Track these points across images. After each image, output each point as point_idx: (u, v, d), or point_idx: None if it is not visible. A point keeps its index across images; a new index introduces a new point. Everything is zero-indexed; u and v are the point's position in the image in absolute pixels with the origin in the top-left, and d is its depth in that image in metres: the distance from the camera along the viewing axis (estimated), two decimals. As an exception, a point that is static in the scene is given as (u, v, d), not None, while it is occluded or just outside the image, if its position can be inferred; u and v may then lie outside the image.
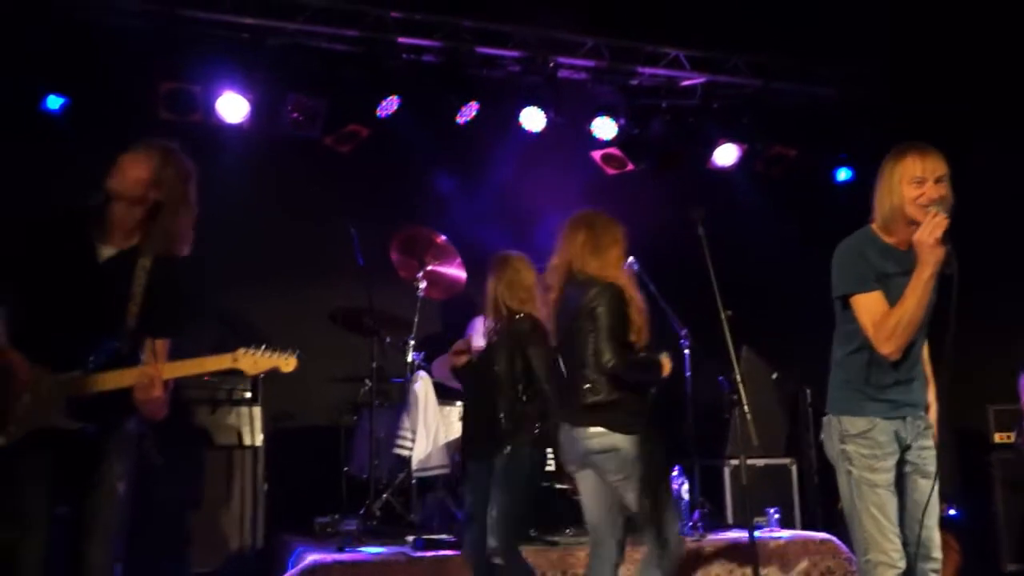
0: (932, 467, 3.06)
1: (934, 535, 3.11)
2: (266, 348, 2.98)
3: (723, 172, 6.96)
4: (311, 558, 4.24)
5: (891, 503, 2.98)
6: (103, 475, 2.91)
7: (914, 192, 2.95)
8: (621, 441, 3.40)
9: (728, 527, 5.63)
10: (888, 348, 2.95)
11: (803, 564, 4.93)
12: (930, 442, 3.09)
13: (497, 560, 3.76)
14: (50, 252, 2.91)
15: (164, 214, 2.95)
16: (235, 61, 5.84)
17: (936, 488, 3.07)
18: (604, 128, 6.64)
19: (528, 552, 4.08)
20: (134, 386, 2.86)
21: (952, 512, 5.87)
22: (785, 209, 7.00)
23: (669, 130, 6.80)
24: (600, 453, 3.43)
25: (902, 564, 2.98)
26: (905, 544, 3.02)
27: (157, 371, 2.86)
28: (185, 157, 3.02)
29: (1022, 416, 5.02)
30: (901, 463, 3.06)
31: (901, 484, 3.06)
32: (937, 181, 2.95)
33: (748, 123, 6.89)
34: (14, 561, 2.79)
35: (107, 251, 2.97)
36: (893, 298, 2.97)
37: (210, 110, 5.86)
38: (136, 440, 3.03)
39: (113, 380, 2.87)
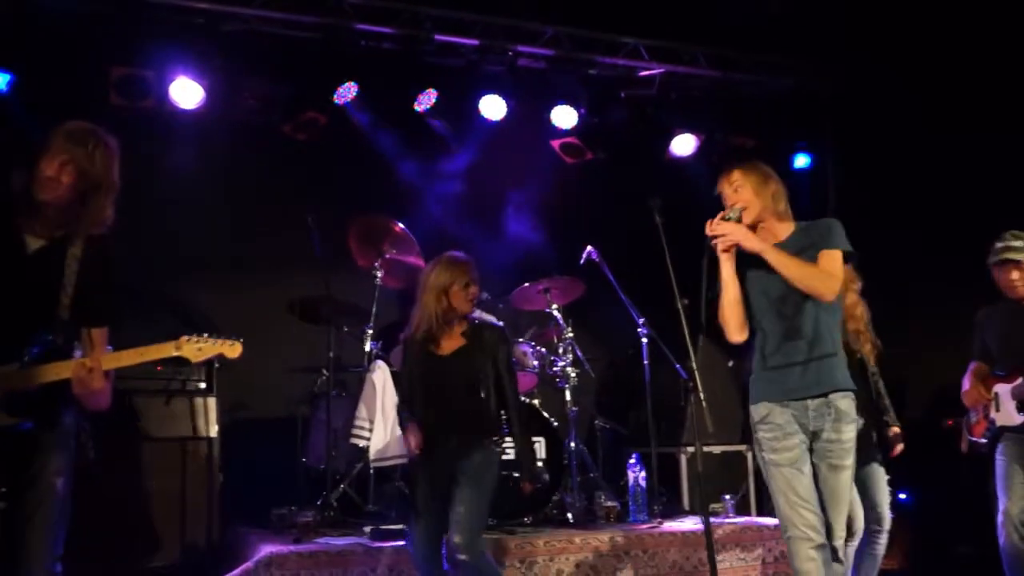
0: (840, 460, 3.19)
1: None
2: (209, 335, 2.95)
3: (681, 162, 7.01)
4: (268, 549, 4.20)
5: (797, 479, 3.13)
6: (40, 470, 2.84)
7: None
8: None
9: (685, 514, 5.70)
10: (728, 336, 3.36)
11: (759, 550, 5.00)
12: (838, 435, 3.19)
13: (462, 557, 3.70)
14: None
15: (93, 203, 2.89)
16: (189, 47, 5.74)
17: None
18: (564, 117, 6.65)
19: (487, 541, 4.06)
20: (72, 379, 2.80)
21: (902, 496, 5.97)
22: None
23: (627, 120, 6.83)
24: None
25: (819, 538, 3.10)
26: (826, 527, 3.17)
27: (96, 362, 2.80)
28: (108, 136, 2.93)
29: (968, 410, 5.13)
30: (811, 451, 3.21)
31: (814, 472, 3.21)
32: (735, 190, 3.38)
33: (706, 113, 6.94)
34: None
35: (35, 242, 2.90)
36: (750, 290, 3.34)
37: (164, 96, 5.76)
38: (74, 434, 2.96)
39: (51, 372, 2.81)
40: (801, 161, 7.36)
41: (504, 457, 4.10)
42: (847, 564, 4.05)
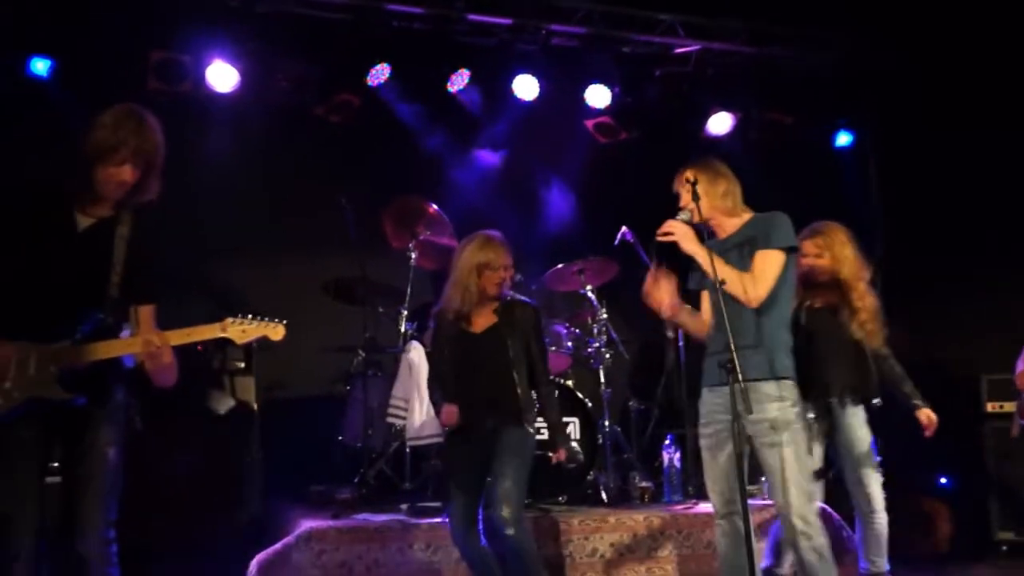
0: (767, 438, 3.33)
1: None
2: (253, 317, 3.00)
3: (718, 141, 6.93)
4: (308, 524, 4.26)
5: (708, 464, 3.51)
6: (93, 442, 2.94)
7: None
8: None
9: (720, 495, 5.67)
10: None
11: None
12: (761, 415, 3.31)
13: (509, 531, 3.73)
14: (30, 225, 2.91)
15: (145, 184, 2.97)
16: (225, 30, 5.79)
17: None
18: (597, 96, 6.60)
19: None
20: (144, 355, 2.88)
21: (943, 481, 5.90)
22: (782, 178, 6.95)
23: (662, 98, 6.76)
24: None
25: (723, 512, 3.47)
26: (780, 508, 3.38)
27: (163, 339, 2.89)
28: (150, 116, 2.98)
29: (1020, 393, 5.01)
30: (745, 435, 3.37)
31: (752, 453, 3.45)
32: (687, 191, 3.53)
33: (743, 91, 6.84)
34: (10, 530, 2.82)
35: (85, 221, 2.98)
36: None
37: (200, 80, 5.82)
38: (124, 409, 3.05)
39: (102, 350, 2.90)
40: (843, 139, 7.24)
41: (538, 437, 4.13)
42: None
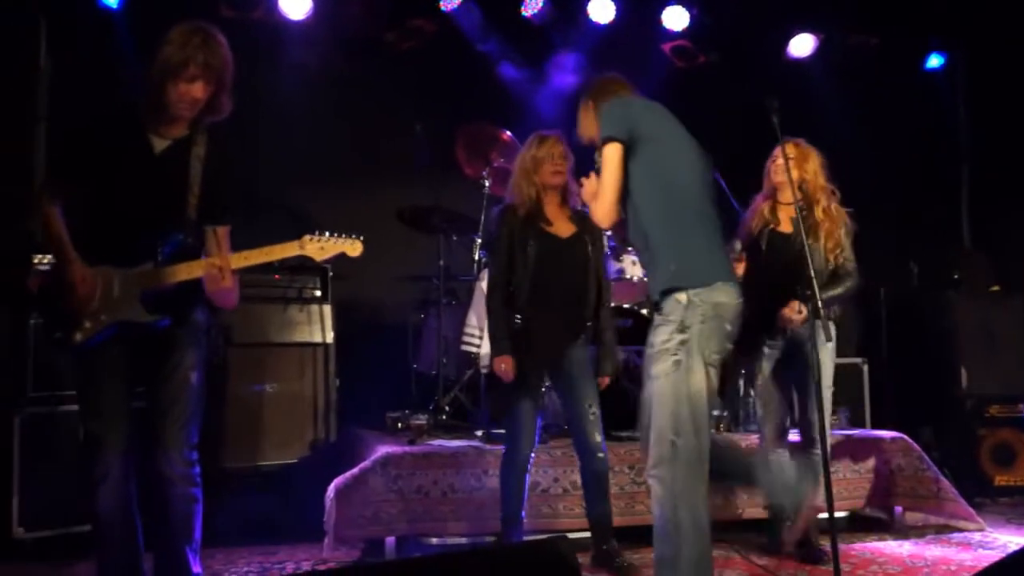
0: (647, 367, 2.97)
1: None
2: (331, 234, 3.02)
3: (799, 64, 6.67)
4: (384, 450, 4.34)
5: None
6: (176, 365, 3.01)
7: None
8: None
9: (796, 425, 5.60)
10: None
11: (872, 461, 4.90)
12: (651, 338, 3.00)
13: (601, 455, 3.86)
14: (106, 149, 2.93)
15: (217, 102, 2.97)
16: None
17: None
18: (675, 18, 6.41)
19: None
20: (204, 277, 2.92)
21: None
22: (866, 102, 6.68)
23: (742, 20, 6.51)
24: None
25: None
26: None
27: (225, 261, 2.91)
28: (218, 32, 2.94)
29: None
30: None
31: None
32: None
33: (826, 9, 6.55)
34: (98, 451, 2.92)
35: (161, 143, 2.99)
36: None
37: (273, 7, 5.82)
38: (205, 332, 3.11)
39: (183, 272, 2.94)
40: (934, 62, 6.90)
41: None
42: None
